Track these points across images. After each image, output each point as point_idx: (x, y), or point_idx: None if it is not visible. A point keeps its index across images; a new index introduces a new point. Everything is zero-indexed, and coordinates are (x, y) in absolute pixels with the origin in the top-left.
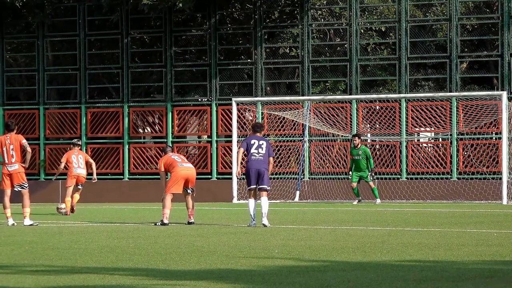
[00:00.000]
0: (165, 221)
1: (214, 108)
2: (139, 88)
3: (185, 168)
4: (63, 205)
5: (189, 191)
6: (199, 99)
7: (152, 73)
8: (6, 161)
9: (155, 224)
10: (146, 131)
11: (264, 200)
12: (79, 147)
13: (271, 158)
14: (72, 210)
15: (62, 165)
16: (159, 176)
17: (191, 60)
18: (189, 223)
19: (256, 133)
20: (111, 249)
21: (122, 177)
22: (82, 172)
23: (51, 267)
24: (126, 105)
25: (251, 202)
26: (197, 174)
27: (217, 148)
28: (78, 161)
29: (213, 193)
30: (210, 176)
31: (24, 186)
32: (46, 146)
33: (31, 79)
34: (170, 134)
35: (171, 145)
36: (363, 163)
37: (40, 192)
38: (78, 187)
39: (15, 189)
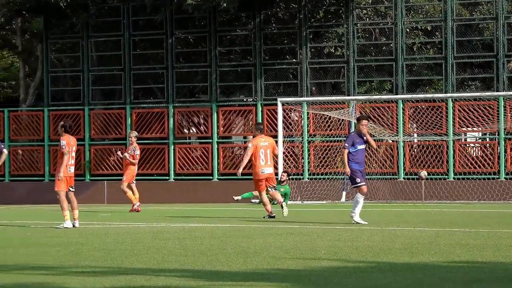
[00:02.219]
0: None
1: (260, 108)
2: (184, 89)
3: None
4: None
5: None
6: (244, 99)
7: (197, 73)
8: (70, 163)
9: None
10: (191, 131)
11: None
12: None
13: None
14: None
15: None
16: (205, 177)
17: (236, 60)
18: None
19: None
20: (157, 250)
21: (167, 177)
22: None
23: (96, 268)
24: (171, 106)
25: (361, 199)
26: (242, 174)
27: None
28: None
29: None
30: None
31: (73, 188)
32: (91, 147)
33: (76, 79)
34: (216, 135)
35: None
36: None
37: (86, 193)
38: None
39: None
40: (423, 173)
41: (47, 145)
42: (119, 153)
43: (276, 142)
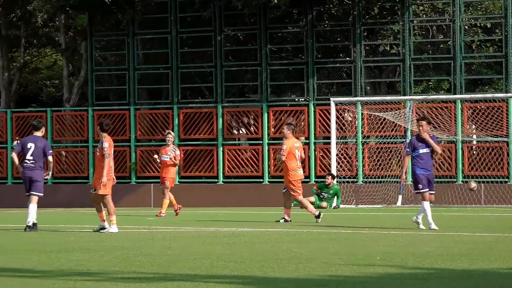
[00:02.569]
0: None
1: (312, 109)
2: (233, 88)
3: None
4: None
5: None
6: (296, 99)
7: (246, 72)
8: (113, 166)
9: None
10: (241, 132)
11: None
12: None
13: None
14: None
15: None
16: (255, 180)
17: (287, 58)
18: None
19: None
20: (206, 255)
21: (216, 180)
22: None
23: (142, 274)
24: (220, 106)
25: (427, 206)
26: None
27: (315, 150)
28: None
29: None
30: (308, 180)
31: None
32: (137, 148)
33: (121, 78)
34: (266, 136)
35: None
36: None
37: (131, 196)
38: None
39: None
40: (473, 184)
41: (91, 146)
42: (156, 156)
43: (328, 143)
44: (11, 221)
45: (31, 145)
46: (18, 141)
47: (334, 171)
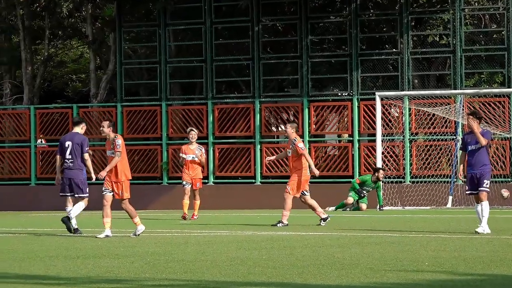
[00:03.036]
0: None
1: (356, 104)
2: (271, 82)
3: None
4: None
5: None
6: (339, 94)
7: (286, 64)
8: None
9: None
10: (279, 129)
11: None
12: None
13: None
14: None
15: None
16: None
17: (330, 50)
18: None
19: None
20: (242, 261)
21: (253, 180)
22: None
23: (175, 281)
24: (258, 101)
25: (478, 207)
26: (337, 177)
27: (359, 149)
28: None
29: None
30: (351, 179)
31: None
32: (169, 147)
33: (152, 72)
34: (307, 133)
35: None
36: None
37: (163, 197)
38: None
39: None
40: (505, 193)
41: None
42: (182, 155)
43: (373, 140)
44: (34, 225)
45: (68, 143)
46: (42, 140)
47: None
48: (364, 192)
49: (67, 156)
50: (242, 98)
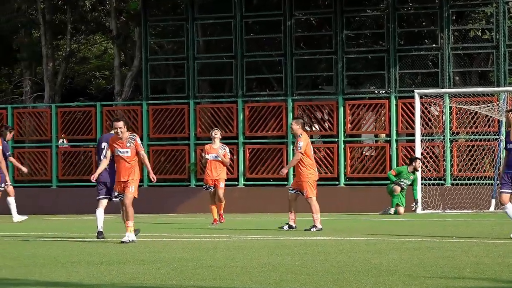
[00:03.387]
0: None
1: (393, 102)
2: (305, 79)
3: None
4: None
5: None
6: (376, 91)
7: (320, 60)
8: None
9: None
10: (313, 129)
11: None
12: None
13: None
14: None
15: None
16: (329, 182)
17: (366, 45)
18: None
19: None
20: (274, 267)
21: (286, 182)
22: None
23: None
24: (290, 99)
25: (507, 210)
26: (374, 178)
27: (397, 149)
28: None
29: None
30: (388, 181)
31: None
32: (197, 147)
33: (179, 68)
34: (342, 133)
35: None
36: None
37: (191, 201)
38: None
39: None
40: None
41: (146, 145)
42: (205, 155)
43: (412, 141)
44: (55, 229)
45: (104, 145)
46: (64, 140)
47: (418, 172)
48: (402, 184)
49: (103, 158)
50: (273, 96)
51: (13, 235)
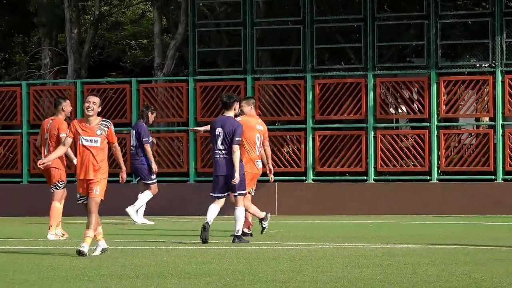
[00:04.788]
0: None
1: (499, 78)
2: (389, 49)
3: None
4: None
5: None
6: (477, 65)
7: (408, 27)
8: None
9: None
10: (399, 111)
11: None
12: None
13: None
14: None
15: None
16: (419, 177)
17: (465, 8)
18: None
19: None
20: (350, 281)
21: (365, 177)
22: None
23: None
24: (371, 74)
25: None
26: (474, 173)
27: (503, 136)
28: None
29: (498, 200)
30: (493, 177)
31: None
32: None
33: (234, 37)
34: (435, 116)
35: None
36: None
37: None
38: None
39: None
40: None
41: (191, 133)
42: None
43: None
44: (81, 235)
45: (219, 131)
46: None
47: None
48: None
49: (219, 146)
50: (350, 71)
51: (30, 241)
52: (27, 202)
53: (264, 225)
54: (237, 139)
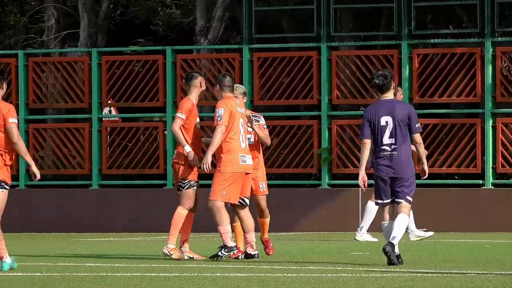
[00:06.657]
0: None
1: None
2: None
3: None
4: None
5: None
6: None
7: None
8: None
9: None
10: None
11: None
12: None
13: None
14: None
15: None
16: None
17: None
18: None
19: None
20: None
21: (480, 181)
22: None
23: None
24: (489, 42)
25: None
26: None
27: None
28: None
29: None
30: None
31: None
32: (332, 122)
33: None
34: None
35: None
36: None
37: (324, 205)
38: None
39: None
40: None
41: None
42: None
43: None
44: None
45: (387, 120)
46: (111, 109)
47: None
48: None
49: (386, 141)
50: (461, 37)
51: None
52: None
53: (220, 254)
54: (417, 125)
